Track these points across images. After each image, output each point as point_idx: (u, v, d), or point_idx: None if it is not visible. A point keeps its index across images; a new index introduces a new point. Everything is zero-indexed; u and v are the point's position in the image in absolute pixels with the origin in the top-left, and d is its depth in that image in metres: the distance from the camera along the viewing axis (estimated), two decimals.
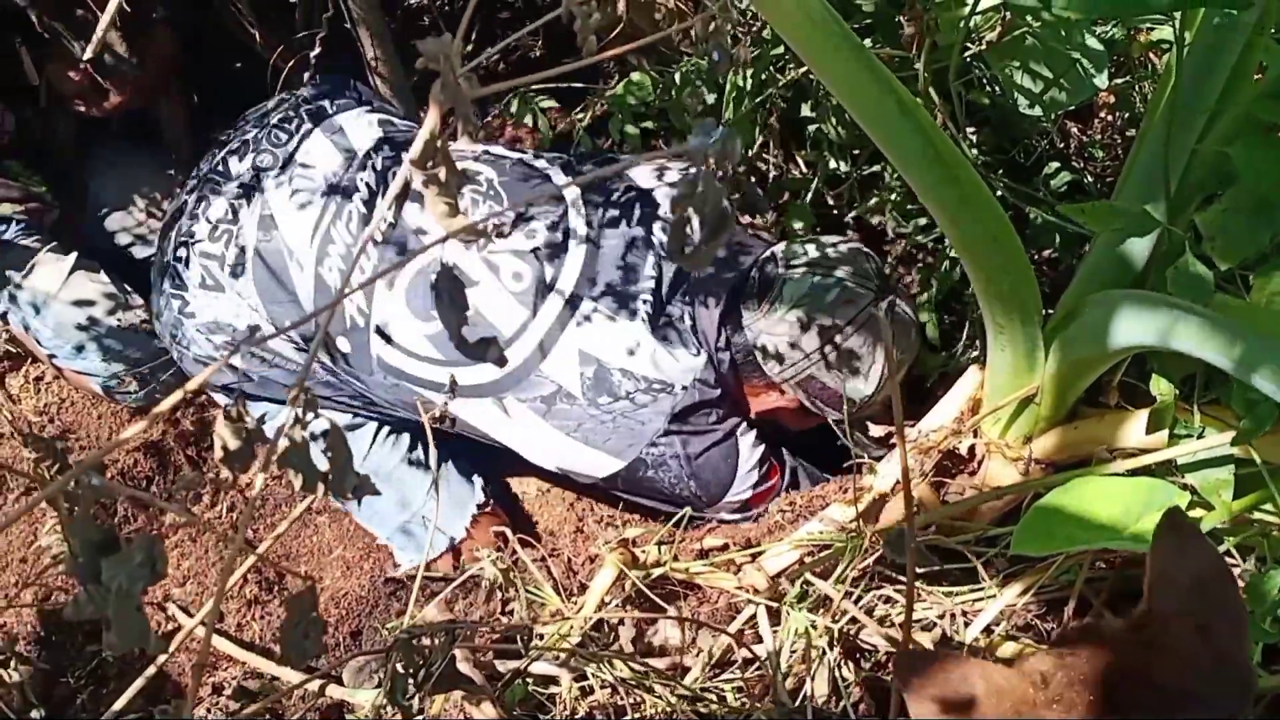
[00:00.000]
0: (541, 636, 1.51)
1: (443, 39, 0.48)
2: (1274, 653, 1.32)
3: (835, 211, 1.99)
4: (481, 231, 0.53)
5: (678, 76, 1.88)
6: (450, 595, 1.66)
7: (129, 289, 2.03)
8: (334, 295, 1.70)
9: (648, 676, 1.45)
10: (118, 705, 1.10)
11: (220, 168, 1.87)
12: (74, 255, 1.99)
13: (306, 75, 1.99)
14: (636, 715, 1.42)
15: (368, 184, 1.77)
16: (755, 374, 1.74)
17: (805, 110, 1.88)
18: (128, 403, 2.02)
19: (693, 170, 0.48)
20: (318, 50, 1.95)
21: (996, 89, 1.77)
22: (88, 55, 1.39)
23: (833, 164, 1.91)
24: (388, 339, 1.71)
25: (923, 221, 1.91)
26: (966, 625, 1.42)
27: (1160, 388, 1.37)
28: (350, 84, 2.01)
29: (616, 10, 1.34)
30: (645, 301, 1.70)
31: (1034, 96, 1.60)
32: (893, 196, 1.87)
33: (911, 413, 1.84)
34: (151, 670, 1.43)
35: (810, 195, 1.95)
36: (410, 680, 0.94)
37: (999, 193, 1.75)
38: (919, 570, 1.47)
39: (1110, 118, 2.01)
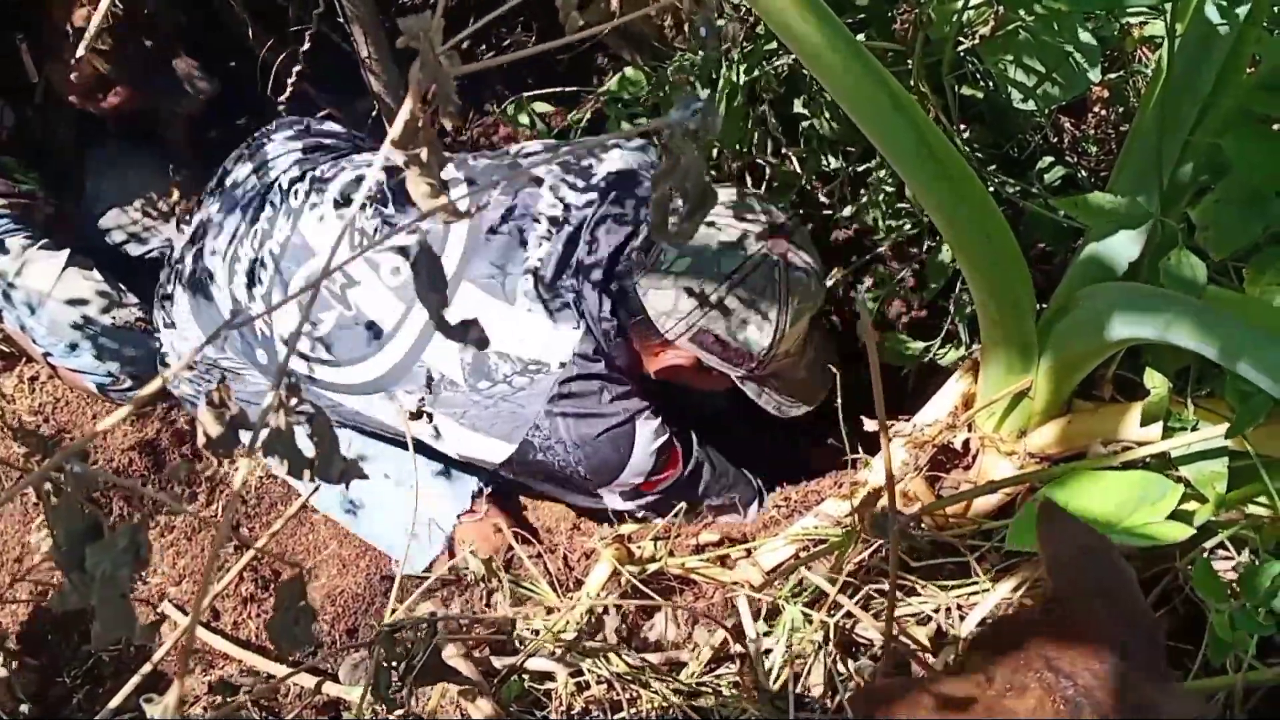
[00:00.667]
0: (537, 632, 1.51)
1: (422, 16, 0.48)
2: (1270, 646, 1.32)
3: (829, 209, 1.98)
4: (460, 211, 0.52)
5: (670, 72, 1.88)
6: (437, 589, 1.66)
7: (123, 287, 2.03)
8: (245, 311, 1.75)
9: (644, 671, 1.45)
10: (113, 704, 1.09)
11: (190, 216, 1.99)
12: (66, 252, 1.99)
13: (297, 71, 1.99)
14: (633, 710, 1.41)
15: (272, 202, 1.81)
16: (649, 333, 1.67)
17: (798, 106, 1.88)
18: (123, 401, 2.02)
19: (671, 144, 0.48)
20: (308, 46, 1.95)
21: (990, 84, 1.77)
22: (80, 52, 1.39)
23: (825, 159, 1.91)
24: (286, 343, 1.70)
25: (916, 217, 1.91)
26: (961, 619, 1.42)
27: (1154, 381, 1.37)
28: (302, 121, 2.04)
29: (609, 5, 1.34)
30: (526, 280, 1.65)
31: (1027, 91, 1.59)
32: (885, 189, 1.87)
33: (893, 404, 1.84)
34: (147, 668, 1.42)
35: (801, 190, 1.95)
36: (394, 672, 0.93)
37: (992, 188, 1.75)
38: (914, 565, 1.47)
39: (1104, 112, 2.01)
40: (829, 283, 1.88)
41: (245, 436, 0.54)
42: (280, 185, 1.83)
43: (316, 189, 1.79)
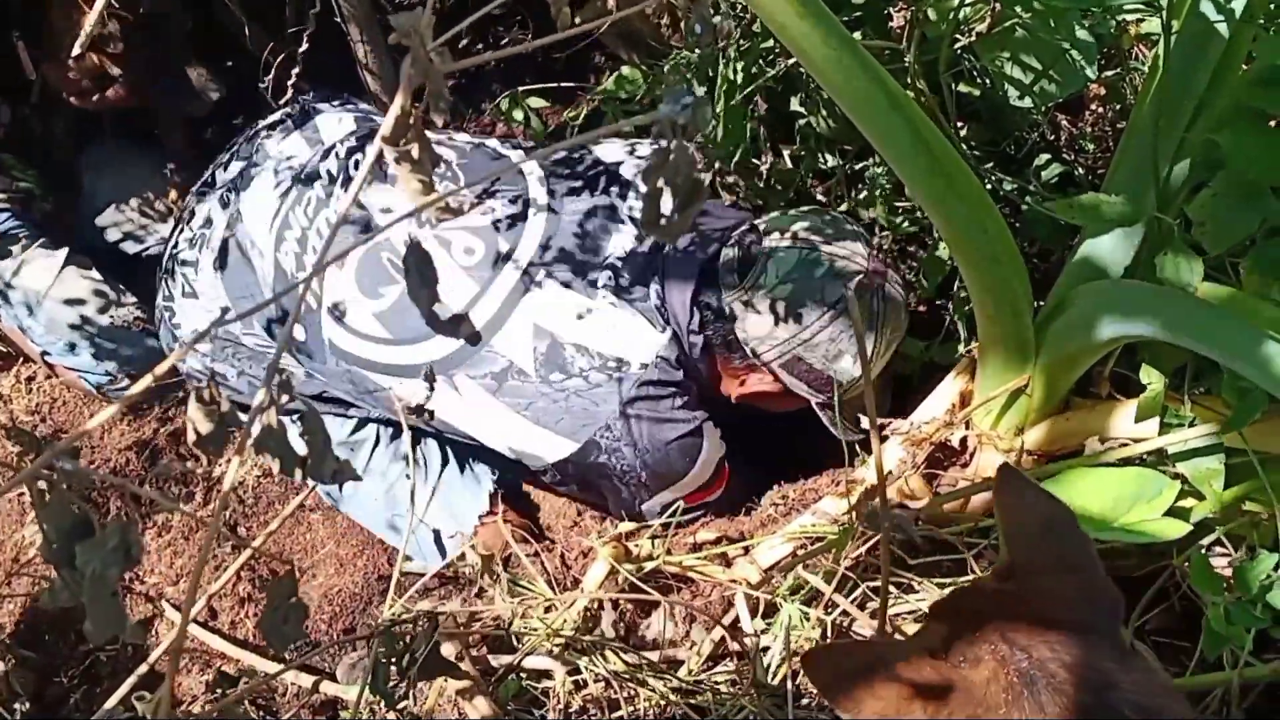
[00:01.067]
0: (535, 630, 1.51)
1: (414, 13, 0.47)
2: (1267, 642, 1.32)
3: (825, 205, 1.98)
4: (453, 208, 0.52)
5: (667, 70, 1.88)
6: (434, 586, 1.66)
7: (121, 286, 2.03)
8: (290, 280, 1.71)
9: (641, 669, 1.45)
10: (109, 704, 1.09)
11: (209, 179, 1.92)
12: (64, 251, 1.99)
13: (295, 72, 1.99)
14: (631, 708, 1.41)
15: (329, 171, 1.77)
16: (736, 356, 1.66)
17: (795, 105, 1.88)
18: (121, 400, 2.02)
19: (663, 141, 0.48)
20: (305, 47, 1.94)
21: (987, 81, 1.77)
22: (76, 50, 1.39)
23: (822, 157, 1.91)
24: (339, 318, 1.69)
25: (914, 215, 1.91)
26: None
27: (1150, 377, 1.37)
28: (341, 94, 2.02)
29: (606, 3, 1.34)
30: (608, 274, 1.63)
31: (1024, 88, 1.59)
32: (882, 188, 1.87)
33: (899, 402, 1.84)
34: (143, 668, 1.42)
35: (797, 188, 1.95)
36: (393, 668, 0.94)
37: (990, 185, 1.75)
38: (911, 562, 1.47)
39: (1101, 110, 2.01)
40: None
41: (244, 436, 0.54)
42: (337, 153, 1.79)
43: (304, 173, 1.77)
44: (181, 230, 1.89)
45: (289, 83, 2.00)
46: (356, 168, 1.75)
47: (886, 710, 0.81)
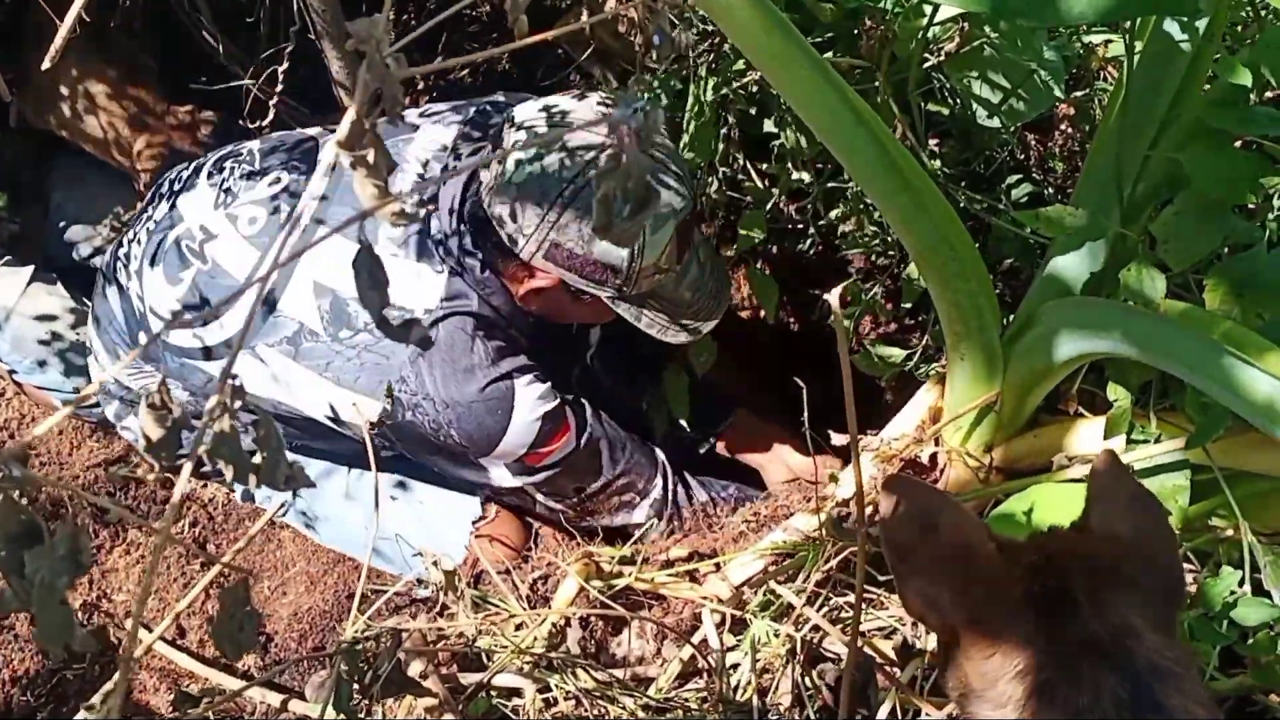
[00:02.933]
0: (504, 647, 1.50)
1: (371, 19, 0.48)
2: (1232, 656, 1.33)
3: (801, 224, 1.99)
4: (409, 215, 0.52)
5: (631, 82, 1.88)
6: (405, 604, 1.65)
7: (88, 302, 2.02)
8: (133, 301, 1.73)
9: (611, 687, 1.44)
10: None
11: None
12: (30, 268, 1.97)
13: (278, 90, 1.99)
14: None
15: (161, 193, 1.79)
16: (508, 258, 1.53)
17: (769, 125, 1.89)
18: (89, 418, 2.01)
19: (614, 143, 0.48)
20: (285, 66, 1.94)
21: (956, 100, 1.79)
22: (45, 65, 1.38)
23: (795, 175, 1.92)
24: (156, 314, 1.69)
25: (886, 233, 1.92)
26: (927, 633, 1.42)
27: (1117, 394, 1.38)
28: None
29: (578, 18, 1.35)
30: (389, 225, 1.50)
31: (992, 108, 1.61)
32: (856, 206, 1.88)
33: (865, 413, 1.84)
34: (108, 687, 1.41)
35: (771, 207, 1.96)
36: (356, 686, 0.93)
37: (960, 204, 1.76)
38: (881, 578, 1.47)
39: (1070, 130, 2.03)
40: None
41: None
42: (168, 179, 1.81)
43: (192, 170, 1.77)
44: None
45: (273, 104, 2.00)
46: (179, 180, 1.77)
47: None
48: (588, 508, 1.74)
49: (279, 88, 1.98)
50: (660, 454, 1.81)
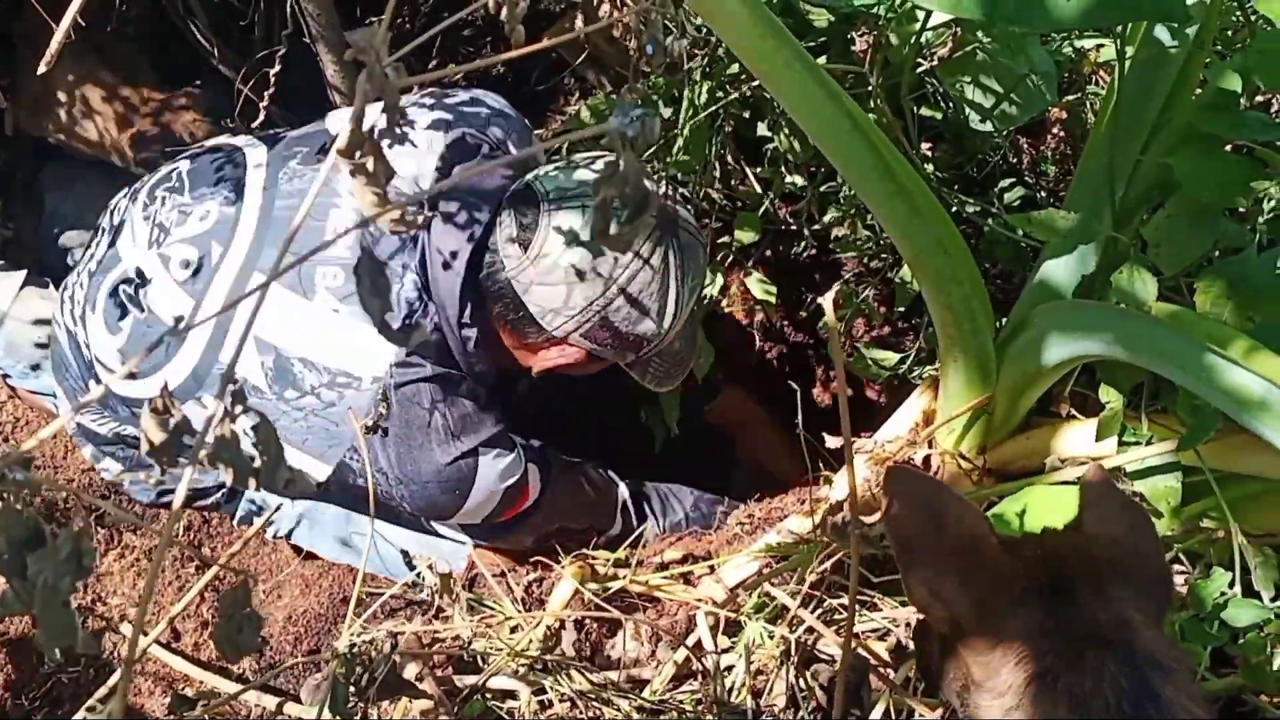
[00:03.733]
0: (500, 650, 1.50)
1: (370, 28, 0.48)
2: (1222, 656, 1.33)
3: (794, 226, 2.00)
4: (409, 221, 0.53)
5: (624, 89, 1.89)
6: (400, 606, 1.65)
7: None
8: (80, 348, 1.64)
9: (606, 689, 1.44)
10: None
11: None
12: (24, 272, 1.97)
13: (269, 94, 1.99)
14: None
15: (103, 226, 1.69)
16: (530, 330, 1.48)
17: (762, 129, 1.90)
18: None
19: (611, 151, 0.49)
20: (278, 68, 1.95)
21: (949, 105, 1.80)
22: (41, 68, 1.38)
23: (789, 179, 1.93)
24: (103, 365, 1.60)
25: (879, 237, 1.93)
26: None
27: (1109, 396, 1.39)
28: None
29: (571, 24, 1.35)
30: (329, 273, 1.46)
31: (985, 112, 1.62)
32: (849, 210, 1.89)
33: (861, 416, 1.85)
34: (103, 691, 1.41)
35: (764, 210, 1.96)
36: (352, 688, 0.93)
37: (953, 208, 1.77)
38: (875, 580, 1.48)
39: (1062, 134, 2.04)
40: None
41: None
42: (109, 210, 1.71)
43: (133, 199, 1.66)
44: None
45: (264, 105, 2.00)
46: (116, 213, 1.67)
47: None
48: (537, 546, 1.71)
49: (270, 89, 1.98)
50: (622, 490, 1.78)
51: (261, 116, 2.01)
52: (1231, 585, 1.25)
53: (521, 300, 1.46)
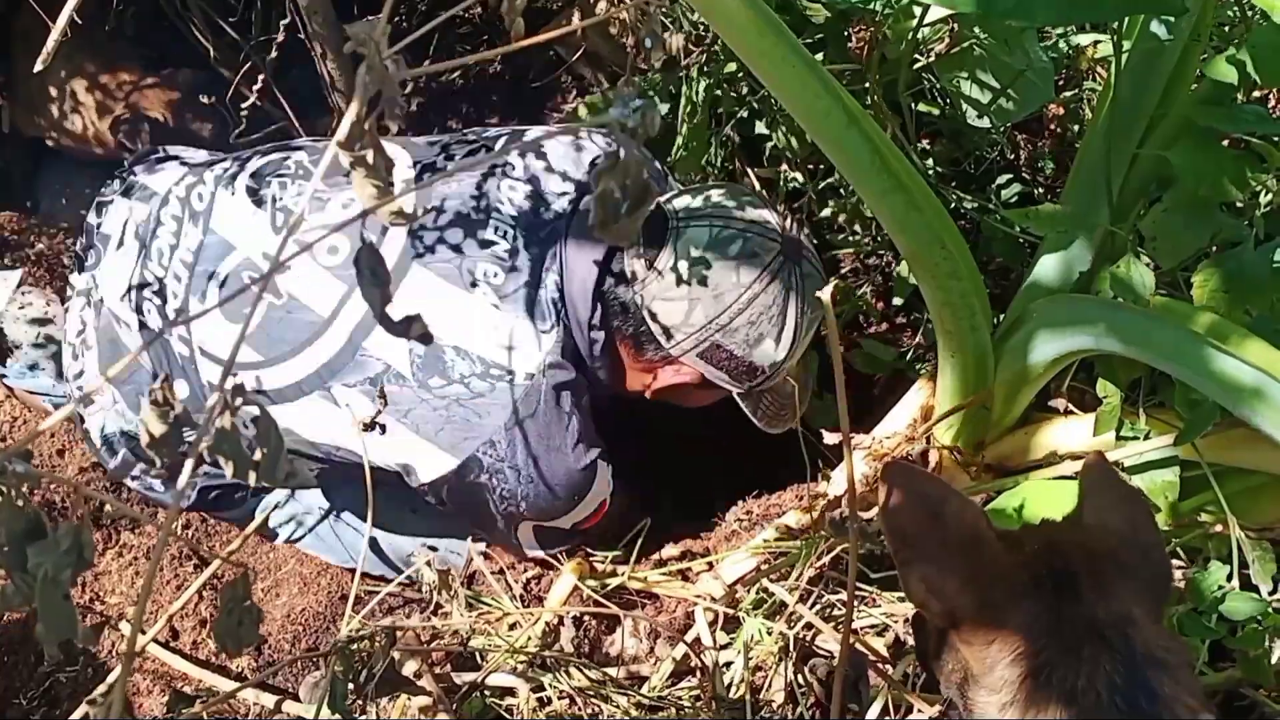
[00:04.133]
0: (498, 647, 1.50)
1: (370, 22, 0.48)
2: (1221, 651, 1.34)
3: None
4: (408, 214, 0.53)
5: (621, 83, 1.89)
6: (399, 604, 1.65)
7: None
8: (170, 345, 1.60)
9: (605, 685, 1.45)
10: None
11: (73, 284, 1.81)
12: (20, 271, 1.97)
13: (256, 90, 1.99)
14: None
15: (173, 215, 1.66)
16: (649, 346, 1.50)
17: (760, 127, 1.90)
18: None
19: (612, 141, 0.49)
20: (274, 55, 1.95)
21: (946, 101, 1.80)
22: (38, 67, 1.38)
23: (788, 177, 1.93)
24: (210, 356, 1.57)
25: (877, 233, 1.93)
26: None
27: (1106, 391, 1.39)
28: (157, 150, 1.86)
29: (569, 21, 1.35)
30: (492, 267, 1.47)
31: (982, 108, 1.62)
32: (848, 206, 1.89)
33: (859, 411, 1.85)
34: (102, 688, 1.41)
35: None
36: (350, 685, 0.93)
37: (950, 204, 1.77)
38: (873, 576, 1.48)
39: (1059, 130, 2.04)
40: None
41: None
42: (175, 196, 1.67)
43: (223, 185, 1.64)
44: (66, 344, 1.80)
45: (254, 101, 2.00)
46: (200, 198, 1.65)
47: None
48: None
49: (263, 76, 1.98)
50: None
51: (252, 99, 2.00)
52: (1229, 579, 1.25)
53: (643, 315, 1.48)
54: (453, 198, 1.52)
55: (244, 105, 1.98)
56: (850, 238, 1.92)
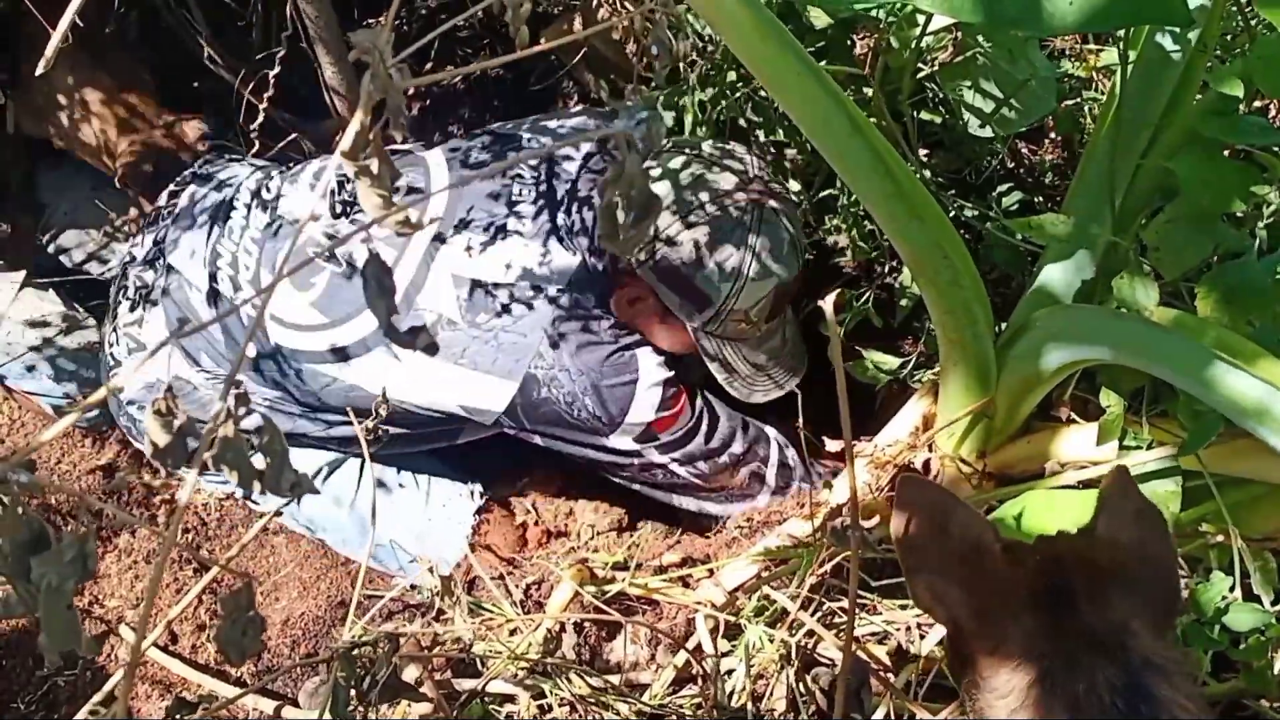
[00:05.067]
0: (499, 653, 1.50)
1: (373, 29, 0.48)
2: (1224, 661, 1.33)
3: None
4: (414, 223, 0.53)
5: (629, 91, 1.89)
6: (399, 609, 1.65)
7: (80, 308, 2.02)
8: (232, 305, 1.76)
9: (606, 693, 1.44)
10: None
11: (131, 253, 1.94)
12: (23, 273, 1.97)
13: (267, 95, 1.98)
14: None
15: (244, 202, 1.84)
16: (619, 266, 1.65)
17: (763, 135, 1.90)
18: (80, 424, 2.00)
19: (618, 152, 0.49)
20: (277, 71, 1.94)
21: (949, 110, 1.80)
22: (40, 70, 1.38)
23: (792, 185, 1.93)
24: (280, 321, 1.72)
25: (880, 241, 1.93)
26: (921, 638, 1.42)
27: (1109, 400, 1.39)
28: (237, 151, 2.06)
29: (570, 27, 1.35)
30: (525, 215, 1.66)
31: (985, 117, 1.62)
32: (851, 213, 1.89)
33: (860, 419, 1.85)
34: (101, 694, 1.40)
35: None
36: (352, 691, 0.93)
37: (952, 212, 1.77)
38: (874, 584, 1.47)
39: (1062, 139, 2.04)
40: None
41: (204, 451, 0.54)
42: (248, 187, 1.85)
43: (289, 181, 1.82)
44: (118, 302, 1.91)
45: (261, 106, 2.00)
46: (268, 190, 1.83)
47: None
48: (719, 479, 1.75)
49: (269, 92, 1.98)
50: (768, 428, 1.83)
51: (260, 118, 2.01)
52: (1232, 589, 1.24)
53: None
54: (474, 192, 1.69)
55: (253, 127, 2.00)
56: (853, 246, 1.91)
